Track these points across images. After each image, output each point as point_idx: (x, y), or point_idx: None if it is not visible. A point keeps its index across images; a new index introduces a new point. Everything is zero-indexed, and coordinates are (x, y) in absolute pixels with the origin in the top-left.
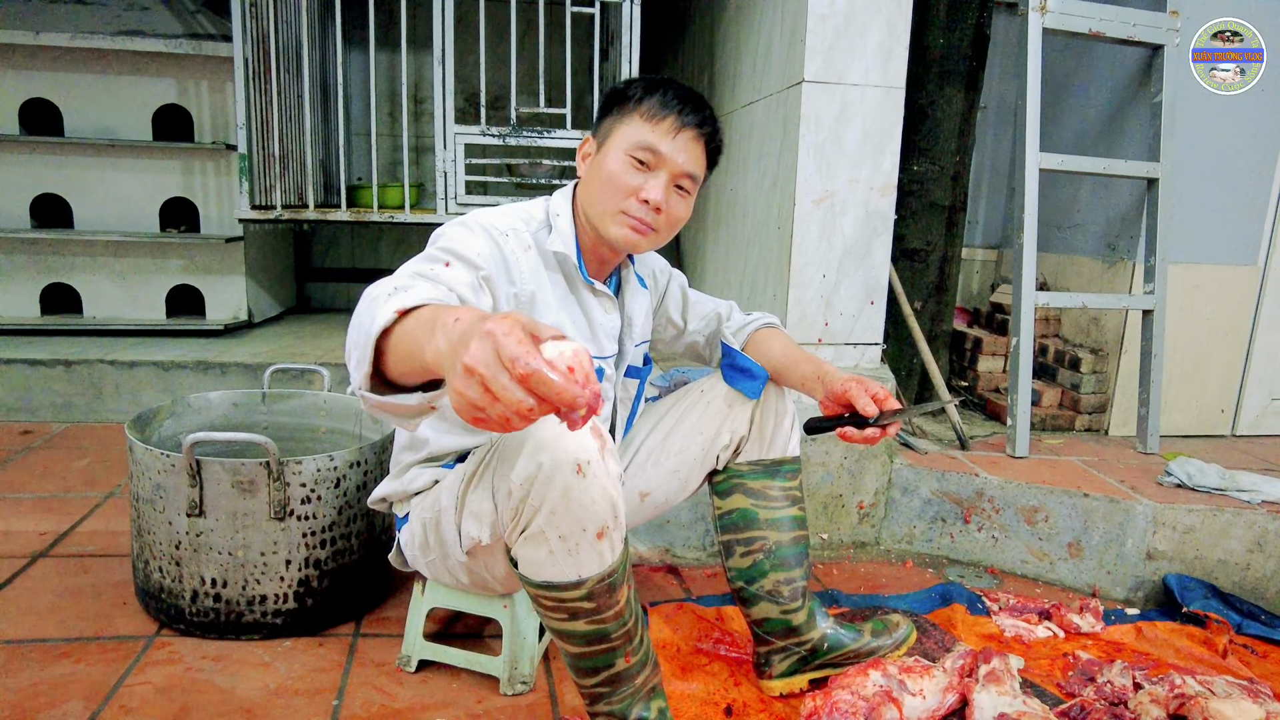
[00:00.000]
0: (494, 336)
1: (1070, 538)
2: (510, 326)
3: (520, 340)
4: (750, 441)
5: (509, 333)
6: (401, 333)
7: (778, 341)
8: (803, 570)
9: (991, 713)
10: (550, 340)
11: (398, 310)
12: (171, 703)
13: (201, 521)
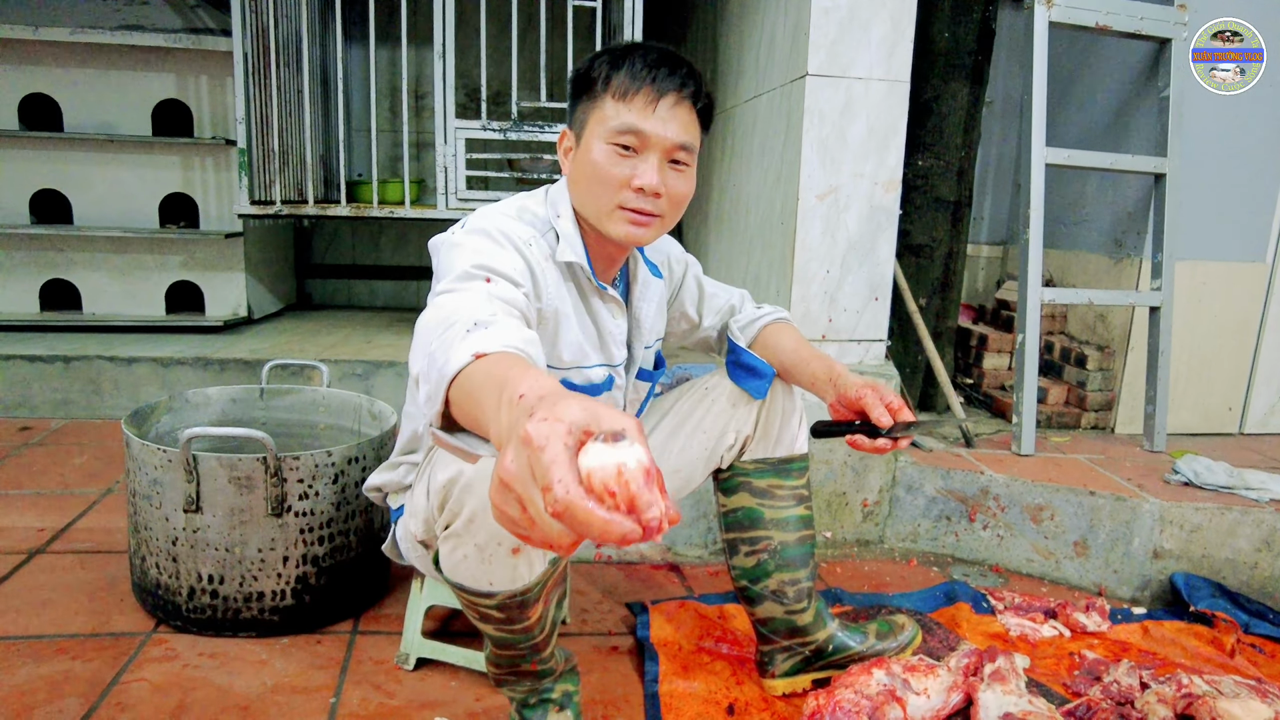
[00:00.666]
0: (530, 445)
1: (1076, 536)
2: (551, 432)
3: (556, 456)
4: (756, 440)
5: (546, 443)
6: (470, 384)
7: (788, 338)
8: (808, 570)
9: (997, 712)
10: (600, 443)
11: (475, 355)
12: (168, 700)
13: (198, 517)
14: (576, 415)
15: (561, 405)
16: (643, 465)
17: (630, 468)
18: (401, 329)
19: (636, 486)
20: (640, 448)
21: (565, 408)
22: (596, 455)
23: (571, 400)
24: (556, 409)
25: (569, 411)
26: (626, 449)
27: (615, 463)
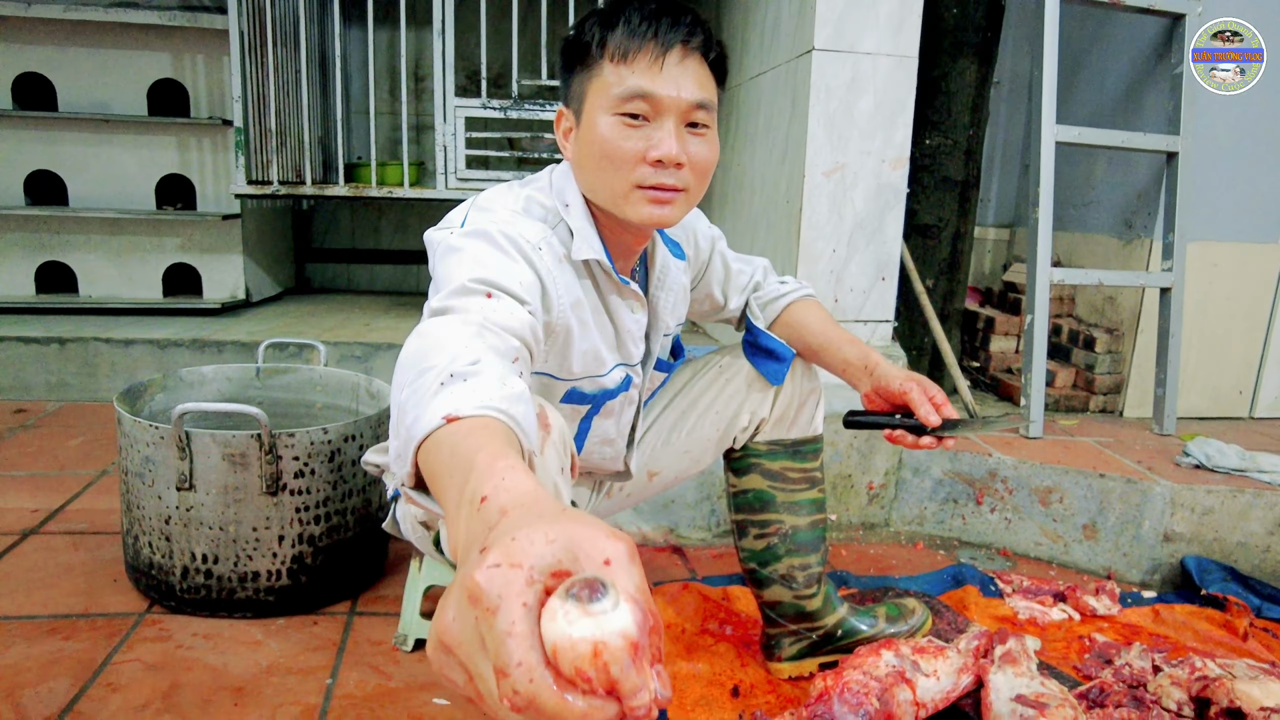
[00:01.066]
0: (479, 605)
1: (1085, 519)
2: (507, 587)
3: (514, 626)
4: (772, 423)
5: (500, 604)
6: (435, 456)
7: (814, 317)
8: (819, 555)
9: (1008, 694)
10: (572, 600)
11: (446, 418)
12: (161, 680)
13: (191, 495)
14: (542, 554)
15: (524, 536)
16: (628, 639)
17: (612, 646)
18: (401, 313)
19: (620, 670)
20: (625, 610)
21: (528, 541)
22: (567, 624)
23: (540, 526)
24: (516, 544)
25: (532, 549)
26: (607, 616)
27: (591, 639)
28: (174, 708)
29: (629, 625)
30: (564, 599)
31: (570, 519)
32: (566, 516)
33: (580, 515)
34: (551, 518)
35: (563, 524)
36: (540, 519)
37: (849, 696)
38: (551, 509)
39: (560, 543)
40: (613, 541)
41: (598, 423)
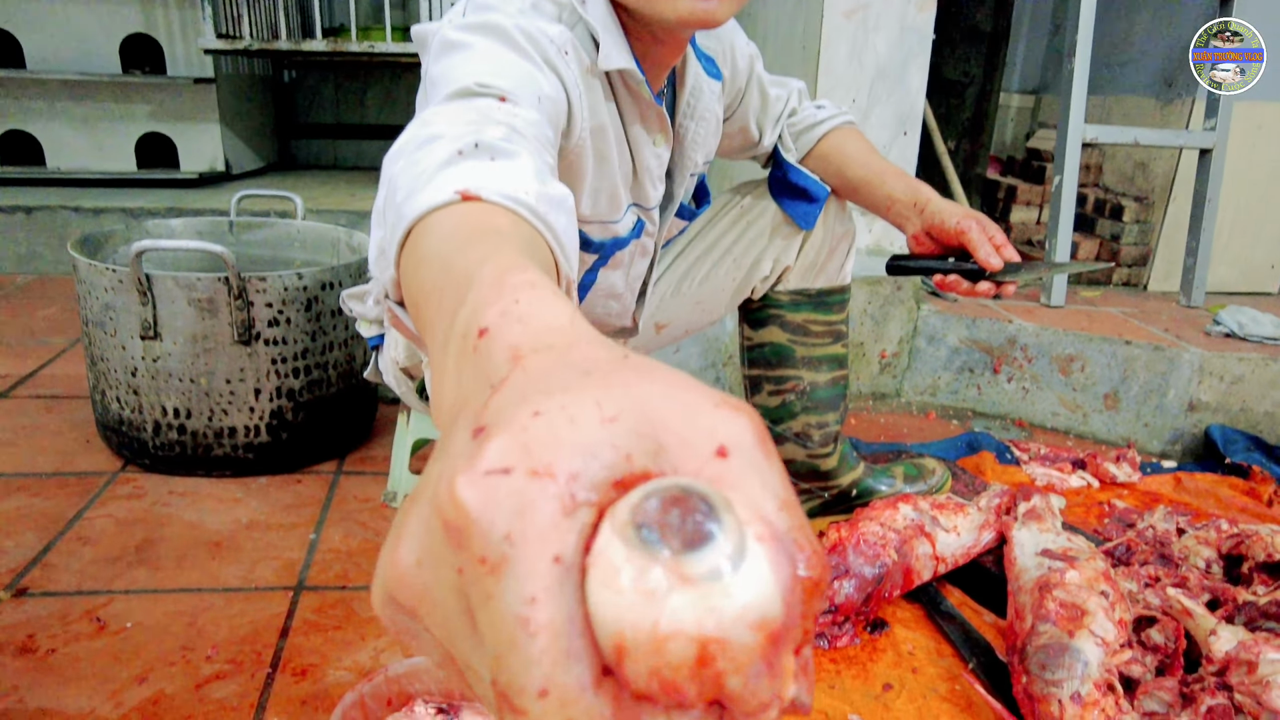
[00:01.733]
0: (468, 551)
1: (1107, 388)
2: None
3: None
4: (796, 271)
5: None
6: (429, 252)
7: (854, 148)
8: (837, 414)
9: (1033, 549)
10: (649, 542)
11: (462, 193)
12: (133, 535)
13: (158, 345)
14: (593, 444)
15: (555, 408)
16: (765, 628)
17: (735, 646)
18: None
19: (743, 682)
20: (762, 565)
21: (563, 418)
22: (645, 602)
23: (585, 386)
24: (541, 424)
25: (572, 433)
26: (726, 583)
27: (696, 635)
28: (148, 560)
29: (767, 599)
30: (636, 543)
31: (637, 371)
32: (630, 367)
33: (654, 366)
34: (605, 371)
35: (626, 380)
36: (584, 373)
37: (865, 548)
38: (601, 355)
39: (626, 419)
40: (727, 413)
41: (604, 275)
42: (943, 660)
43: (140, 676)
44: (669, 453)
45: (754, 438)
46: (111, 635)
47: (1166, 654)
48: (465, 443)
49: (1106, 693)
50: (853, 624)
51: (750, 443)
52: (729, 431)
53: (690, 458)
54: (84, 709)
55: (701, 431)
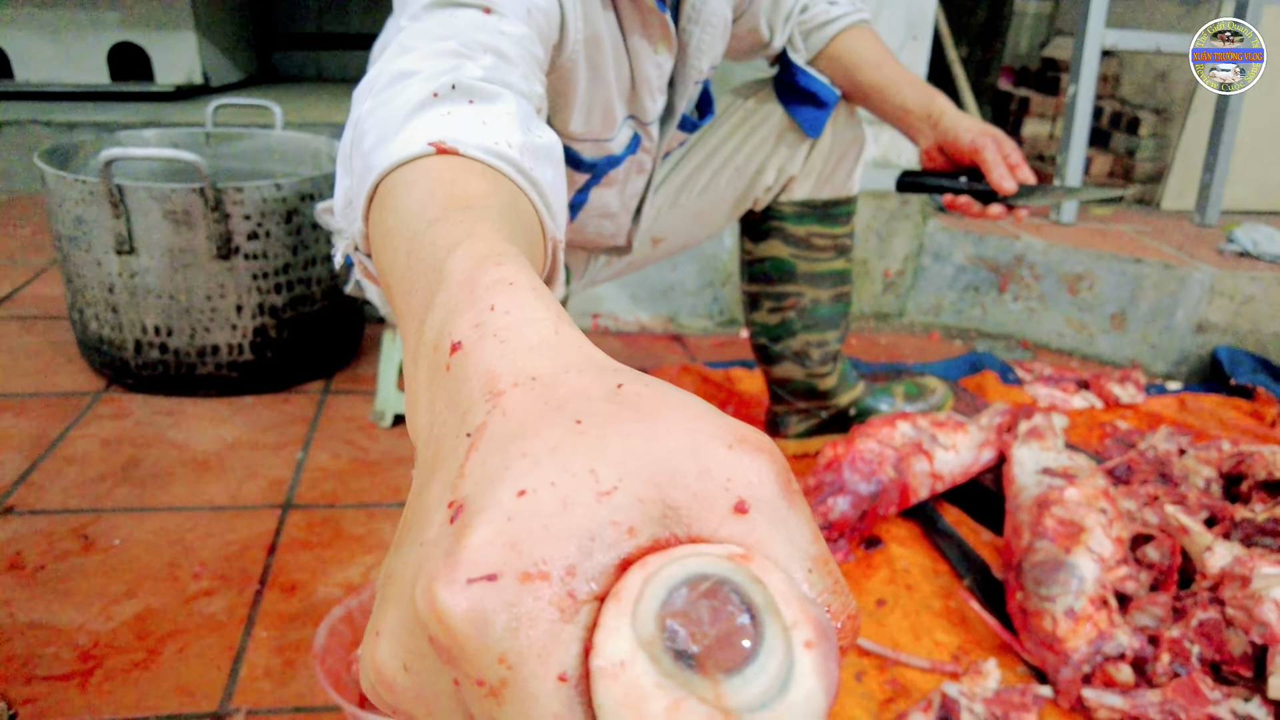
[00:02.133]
0: (461, 669)
1: (1115, 308)
2: (525, 629)
3: None
4: (801, 180)
5: (520, 681)
6: (397, 218)
7: (868, 50)
8: (838, 332)
9: (1033, 467)
10: (676, 663)
11: (435, 145)
12: (118, 455)
13: (134, 260)
14: (593, 526)
15: (546, 476)
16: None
17: None
18: None
19: None
20: (812, 681)
21: (558, 491)
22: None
23: (579, 442)
24: (533, 504)
25: (570, 517)
26: (772, 709)
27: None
28: (134, 480)
29: (817, 715)
30: (668, 666)
31: (636, 411)
32: (626, 404)
33: (653, 398)
34: (600, 417)
35: (624, 429)
36: (573, 425)
37: (861, 465)
38: (593, 389)
39: (628, 485)
40: (744, 457)
41: (596, 194)
42: (938, 577)
43: (129, 592)
44: (680, 512)
45: (776, 484)
46: (99, 552)
47: (1161, 571)
48: (442, 527)
49: (1100, 608)
50: (847, 541)
51: (772, 491)
52: (747, 479)
53: (706, 517)
54: (75, 623)
55: (716, 483)
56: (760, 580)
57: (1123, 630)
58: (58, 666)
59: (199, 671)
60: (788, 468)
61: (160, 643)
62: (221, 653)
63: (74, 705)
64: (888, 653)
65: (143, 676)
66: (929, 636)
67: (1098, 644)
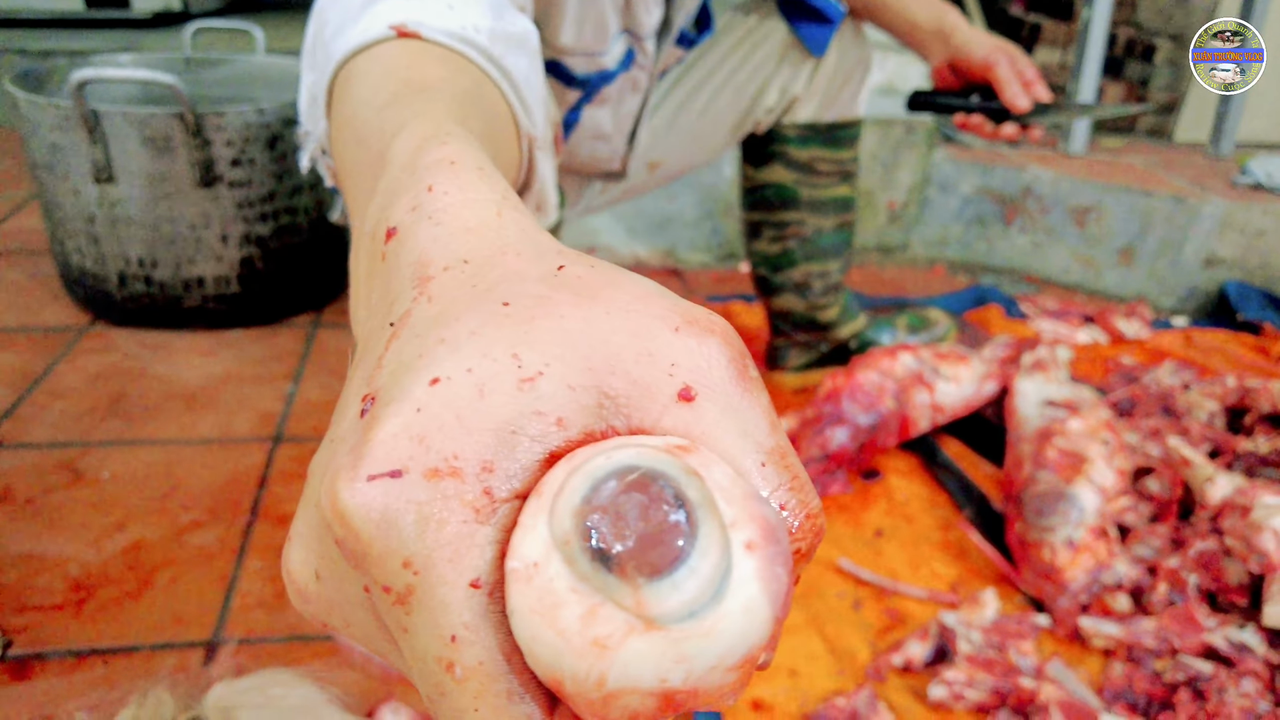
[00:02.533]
0: (367, 571)
1: (1123, 242)
2: (433, 532)
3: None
4: (805, 101)
5: (429, 586)
6: (352, 108)
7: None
8: (840, 262)
9: (1036, 399)
10: (594, 564)
11: (396, 28)
12: (105, 389)
13: (113, 189)
14: (514, 416)
15: (462, 361)
16: (745, 665)
17: (706, 691)
18: None
19: (718, 704)
20: (753, 592)
21: (474, 378)
22: (600, 648)
23: (503, 334)
24: (447, 393)
25: (486, 405)
26: (701, 623)
27: (657, 690)
28: (121, 414)
29: (757, 631)
30: (585, 569)
31: (574, 291)
32: (564, 285)
33: (596, 279)
34: (531, 299)
35: (557, 310)
36: (500, 307)
37: (861, 396)
38: (529, 270)
39: (555, 371)
40: (691, 339)
41: (589, 113)
42: (937, 509)
43: (119, 524)
44: (618, 402)
45: (728, 369)
46: (89, 485)
47: (1162, 503)
48: (353, 421)
49: (1099, 538)
50: (846, 472)
51: (723, 377)
52: (694, 364)
53: (647, 407)
54: (66, 554)
55: (659, 369)
56: (697, 473)
57: (1121, 560)
58: (50, 597)
59: (191, 601)
60: (743, 352)
61: (152, 573)
62: (213, 583)
63: (68, 634)
64: (885, 582)
65: (135, 606)
66: (927, 567)
67: (1096, 574)
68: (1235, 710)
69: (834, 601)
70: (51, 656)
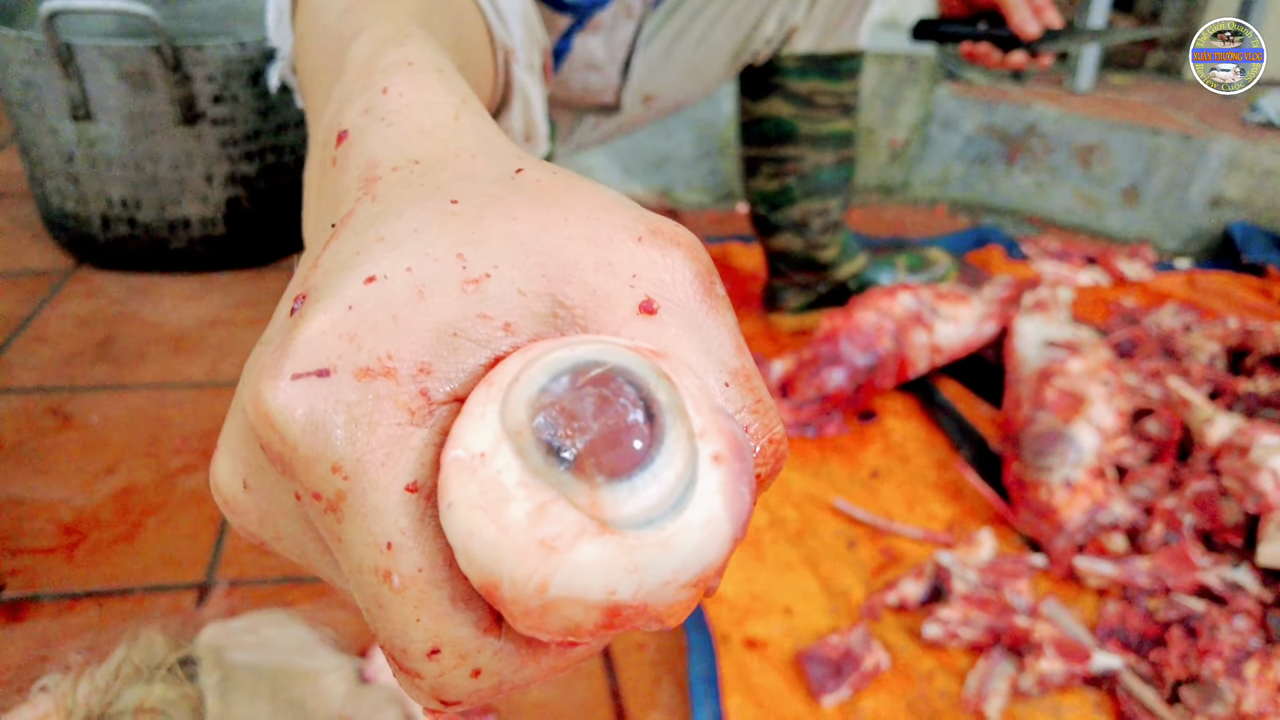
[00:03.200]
0: (294, 476)
1: (1128, 182)
2: (363, 433)
3: (400, 563)
4: (804, 31)
5: (358, 493)
6: (306, 34)
7: None
8: (839, 200)
9: (1036, 339)
10: (549, 459)
11: None
12: (92, 333)
13: (92, 127)
14: (455, 320)
15: (399, 278)
16: (700, 582)
17: (656, 608)
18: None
19: (667, 624)
20: (715, 502)
21: (408, 295)
22: (548, 550)
23: (448, 232)
24: (378, 299)
25: (425, 314)
26: (660, 531)
27: (604, 602)
28: (109, 358)
29: (715, 549)
30: (539, 462)
31: (530, 195)
32: (520, 188)
33: (555, 184)
34: (482, 199)
35: (509, 212)
36: (447, 206)
37: (859, 337)
38: (483, 170)
39: (504, 273)
40: (654, 250)
41: (580, 41)
42: (933, 450)
43: (109, 468)
44: (574, 312)
45: (693, 284)
46: (77, 430)
47: (1160, 445)
48: (283, 322)
49: (1097, 479)
50: (842, 413)
51: (688, 292)
52: (657, 277)
53: (605, 318)
54: (57, 498)
55: (619, 279)
56: (669, 377)
57: (1118, 501)
58: (42, 540)
59: (183, 544)
60: (710, 268)
61: (143, 516)
62: (205, 526)
63: (60, 577)
64: (880, 522)
65: (127, 549)
66: (923, 508)
67: (1093, 515)
68: (1227, 647)
69: (829, 540)
70: (45, 599)
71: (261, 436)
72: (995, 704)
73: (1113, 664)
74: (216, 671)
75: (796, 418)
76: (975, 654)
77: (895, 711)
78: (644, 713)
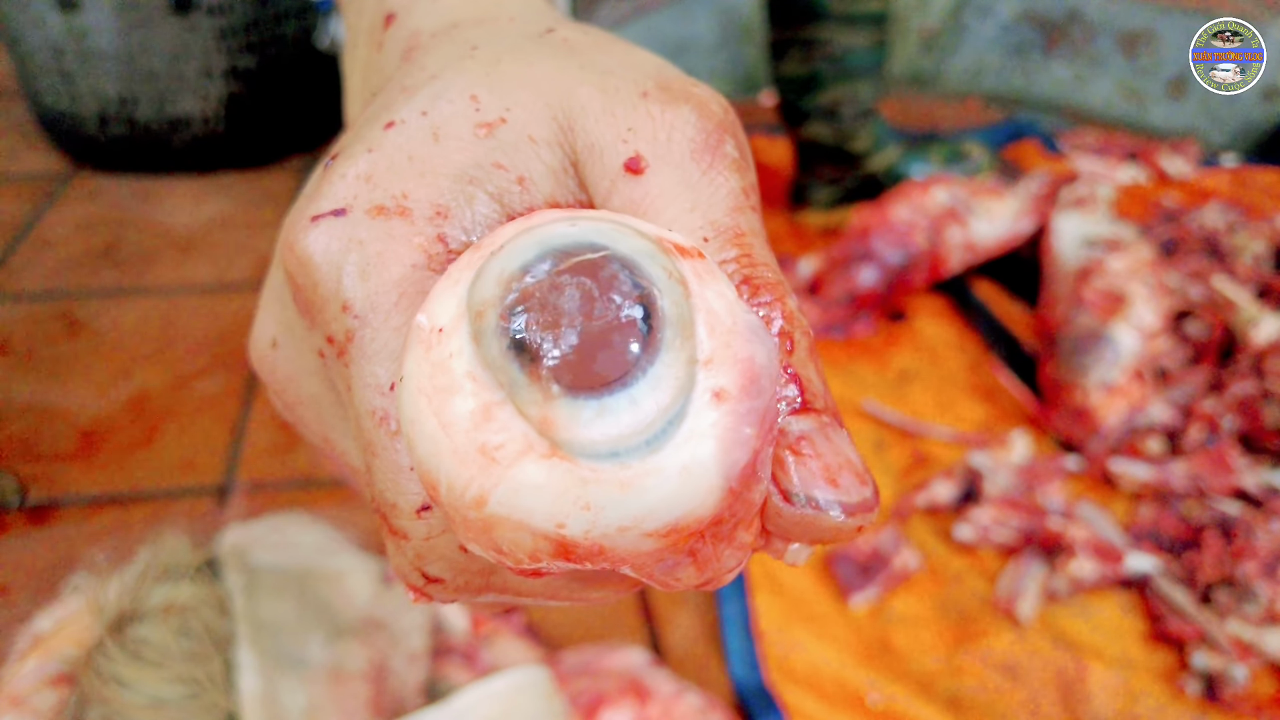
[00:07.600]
0: (315, 317)
1: (1175, 72)
2: (375, 275)
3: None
4: None
5: (365, 338)
6: None
7: None
8: (872, 85)
9: (1075, 236)
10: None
11: None
12: (97, 237)
13: (79, 17)
14: (471, 166)
15: (415, 121)
16: (682, 527)
17: (625, 546)
18: None
19: (653, 575)
20: (709, 456)
21: (423, 136)
22: (488, 459)
23: (464, 77)
24: (395, 142)
25: (441, 157)
26: (625, 466)
27: (552, 530)
28: (116, 263)
29: (694, 502)
30: (494, 352)
31: (552, 47)
32: (545, 42)
33: (583, 41)
34: (503, 49)
35: (527, 59)
36: (469, 53)
37: (892, 233)
38: (511, 30)
39: (518, 121)
40: (655, 104)
41: None
42: (965, 351)
43: (123, 374)
44: (578, 168)
45: (691, 143)
46: (88, 335)
47: (1201, 347)
48: (318, 176)
49: (1135, 381)
50: (871, 314)
51: (683, 149)
52: (652, 134)
53: (594, 177)
54: (72, 405)
55: (613, 133)
56: (684, 281)
57: (1157, 405)
58: (60, 445)
59: (201, 448)
60: (723, 126)
61: (159, 420)
62: (221, 430)
63: (81, 482)
64: (910, 424)
65: (146, 454)
66: (953, 410)
67: (1130, 417)
68: (1262, 549)
69: (857, 443)
70: (67, 504)
71: (291, 283)
72: (1026, 605)
73: (1146, 565)
74: (241, 573)
75: (825, 318)
76: (1006, 556)
77: (924, 612)
78: (671, 611)
